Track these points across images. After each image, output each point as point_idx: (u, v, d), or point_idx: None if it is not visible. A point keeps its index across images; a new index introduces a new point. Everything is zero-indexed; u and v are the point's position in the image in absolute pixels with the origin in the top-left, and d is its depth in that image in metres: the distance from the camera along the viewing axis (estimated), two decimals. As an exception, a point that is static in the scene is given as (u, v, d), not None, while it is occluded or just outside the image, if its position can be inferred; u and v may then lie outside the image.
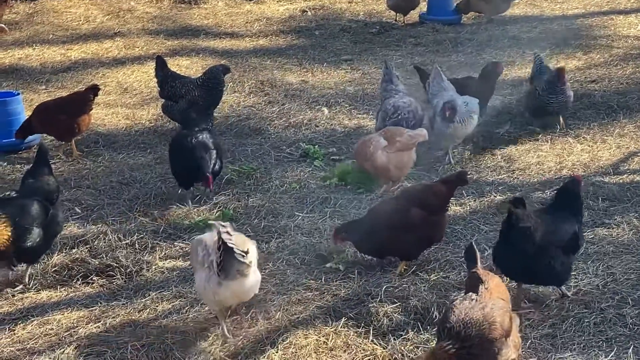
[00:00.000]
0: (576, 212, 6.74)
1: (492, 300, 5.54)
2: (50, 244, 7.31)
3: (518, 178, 9.01)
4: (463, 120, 9.28)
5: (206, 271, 6.19)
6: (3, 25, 14.55)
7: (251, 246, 6.22)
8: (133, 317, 6.69)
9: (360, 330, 6.37)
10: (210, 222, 6.61)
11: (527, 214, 6.52)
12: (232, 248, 5.93)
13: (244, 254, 6.03)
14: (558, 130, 10.08)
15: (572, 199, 6.78)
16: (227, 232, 6.00)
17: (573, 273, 7.05)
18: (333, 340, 6.23)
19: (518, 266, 6.54)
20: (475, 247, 6.01)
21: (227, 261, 6.02)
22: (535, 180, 8.97)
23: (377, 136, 8.85)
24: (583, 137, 9.99)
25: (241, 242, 6.11)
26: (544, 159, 9.46)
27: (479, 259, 5.94)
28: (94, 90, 9.85)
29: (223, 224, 6.07)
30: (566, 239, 6.57)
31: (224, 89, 10.53)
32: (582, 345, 6.24)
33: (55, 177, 7.60)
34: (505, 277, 6.65)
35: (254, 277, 6.21)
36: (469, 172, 8.38)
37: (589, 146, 9.77)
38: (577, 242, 6.65)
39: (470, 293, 5.59)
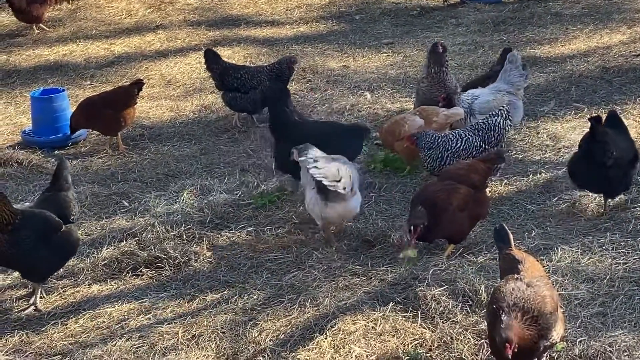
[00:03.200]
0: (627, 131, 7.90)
1: (534, 277, 5.53)
2: (58, 264, 7.02)
3: (564, 156, 8.90)
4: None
5: (313, 192, 7.04)
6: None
7: (344, 171, 6.81)
8: (183, 308, 6.76)
9: (408, 314, 6.37)
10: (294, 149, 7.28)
11: (605, 130, 7.57)
12: (321, 181, 6.64)
13: (334, 183, 6.77)
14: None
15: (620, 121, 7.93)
16: (316, 167, 6.74)
17: (623, 250, 7.09)
18: (381, 325, 6.25)
19: (596, 176, 7.55)
20: (506, 228, 6.02)
21: (324, 189, 6.82)
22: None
23: (411, 115, 8.78)
24: (629, 112, 9.86)
25: (333, 172, 6.82)
26: (590, 136, 9.35)
27: (511, 239, 5.93)
28: (138, 85, 9.92)
29: (312, 157, 6.81)
30: (632, 153, 7.70)
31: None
32: (633, 323, 6.19)
33: (73, 194, 7.27)
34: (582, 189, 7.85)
35: (353, 199, 7.03)
36: (508, 151, 8.41)
37: (635, 121, 9.64)
38: (637, 155, 7.76)
39: (512, 274, 5.58)
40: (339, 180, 6.91)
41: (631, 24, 12.98)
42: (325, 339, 6.13)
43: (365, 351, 6.00)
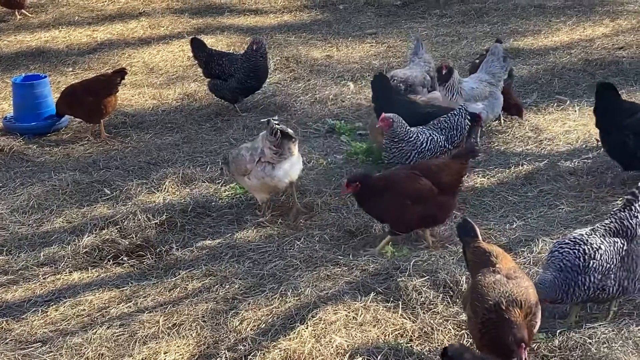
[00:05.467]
0: None
1: (510, 269, 5.54)
2: None
3: (546, 148, 8.95)
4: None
5: (259, 166, 7.63)
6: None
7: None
8: (164, 297, 6.75)
9: (389, 304, 6.37)
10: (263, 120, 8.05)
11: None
12: (284, 130, 7.52)
13: (293, 131, 7.64)
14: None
15: None
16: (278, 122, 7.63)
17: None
18: (362, 315, 6.24)
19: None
20: (471, 221, 6.05)
21: (280, 144, 7.54)
22: (564, 149, 8.91)
23: None
24: (611, 105, 9.89)
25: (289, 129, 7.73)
26: (572, 128, 9.39)
27: (478, 232, 5.94)
28: (121, 73, 9.89)
29: (273, 118, 7.70)
30: None
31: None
32: (612, 315, 6.21)
33: None
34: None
35: (298, 155, 7.78)
36: (478, 145, 8.47)
37: (617, 114, 9.67)
38: None
39: (487, 268, 5.57)
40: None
41: (614, 16, 13.03)
42: (306, 328, 6.12)
43: (346, 341, 6.00)
